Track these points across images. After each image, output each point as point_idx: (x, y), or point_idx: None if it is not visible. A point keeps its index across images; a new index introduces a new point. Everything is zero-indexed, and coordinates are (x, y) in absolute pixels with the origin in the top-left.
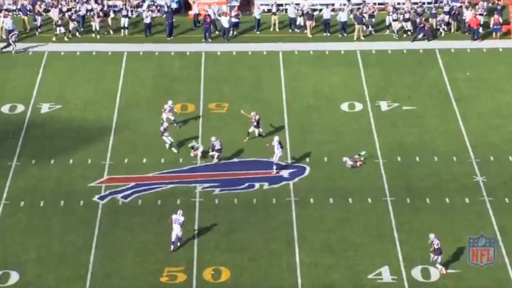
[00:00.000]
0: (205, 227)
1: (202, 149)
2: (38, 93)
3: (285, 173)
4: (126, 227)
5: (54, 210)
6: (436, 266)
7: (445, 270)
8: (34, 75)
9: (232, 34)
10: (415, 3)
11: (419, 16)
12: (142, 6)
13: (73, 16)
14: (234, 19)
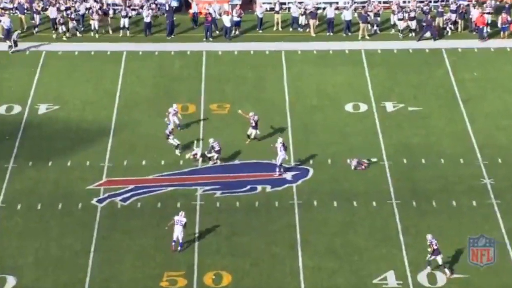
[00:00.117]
0: (206, 231)
1: (201, 152)
2: (36, 93)
3: (288, 175)
4: (125, 231)
5: (51, 213)
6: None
7: (450, 274)
8: (31, 75)
9: (234, 33)
10: (421, 1)
11: (426, 14)
12: (143, 6)
13: (72, 15)
14: (236, 18)
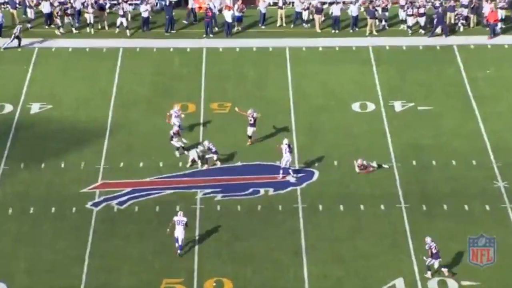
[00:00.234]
0: (206, 236)
1: (196, 154)
2: (28, 92)
3: (291, 178)
4: (122, 236)
5: (44, 217)
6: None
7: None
8: (24, 73)
9: (235, 29)
10: None
11: (436, 9)
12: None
13: (68, 10)
14: (237, 13)
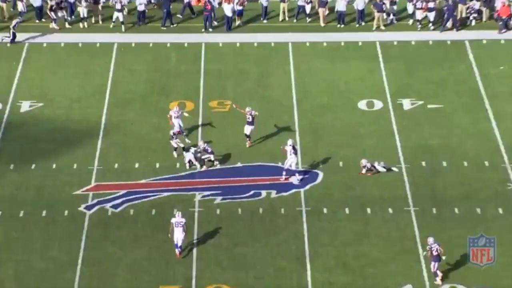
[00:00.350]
0: (205, 241)
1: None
2: (17, 89)
3: (294, 179)
4: (116, 241)
5: (35, 222)
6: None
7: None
8: (13, 69)
9: (236, 23)
10: None
11: (447, 1)
12: None
13: (62, 4)
14: (238, 7)
